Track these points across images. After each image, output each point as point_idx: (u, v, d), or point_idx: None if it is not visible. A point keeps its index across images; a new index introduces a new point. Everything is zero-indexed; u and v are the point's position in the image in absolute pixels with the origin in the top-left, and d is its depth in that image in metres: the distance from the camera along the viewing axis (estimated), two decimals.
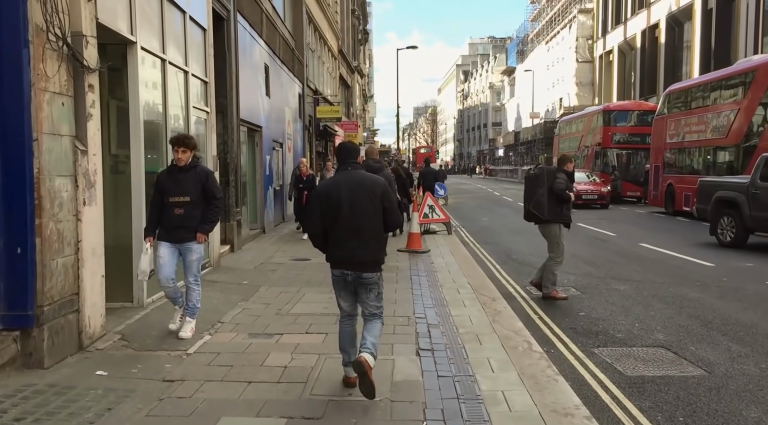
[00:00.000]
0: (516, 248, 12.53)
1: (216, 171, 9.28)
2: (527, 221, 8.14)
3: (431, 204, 14.43)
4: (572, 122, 33.06)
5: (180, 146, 5.45)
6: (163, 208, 5.47)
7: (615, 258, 11.03)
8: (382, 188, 4.29)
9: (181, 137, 5.55)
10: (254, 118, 13.33)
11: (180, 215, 5.43)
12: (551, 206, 7.70)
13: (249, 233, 12.85)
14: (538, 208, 7.75)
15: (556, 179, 7.66)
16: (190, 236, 5.50)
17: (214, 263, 9.12)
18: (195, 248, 5.56)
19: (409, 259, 10.56)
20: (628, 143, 26.76)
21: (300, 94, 20.58)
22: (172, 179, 5.49)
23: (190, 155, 5.50)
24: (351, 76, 39.36)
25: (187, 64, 7.93)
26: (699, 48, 31.32)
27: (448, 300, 7.31)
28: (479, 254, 11.87)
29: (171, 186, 5.45)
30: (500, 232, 15.82)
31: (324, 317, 6.39)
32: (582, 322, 6.77)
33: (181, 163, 5.46)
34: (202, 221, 5.54)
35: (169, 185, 5.46)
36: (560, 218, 7.80)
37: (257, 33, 13.50)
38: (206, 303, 6.93)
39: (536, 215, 7.81)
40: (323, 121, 22.92)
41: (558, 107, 56.07)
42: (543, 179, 7.73)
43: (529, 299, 7.88)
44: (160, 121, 7.14)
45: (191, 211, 5.45)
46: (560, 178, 7.68)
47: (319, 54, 25.90)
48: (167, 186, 5.46)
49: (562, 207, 7.77)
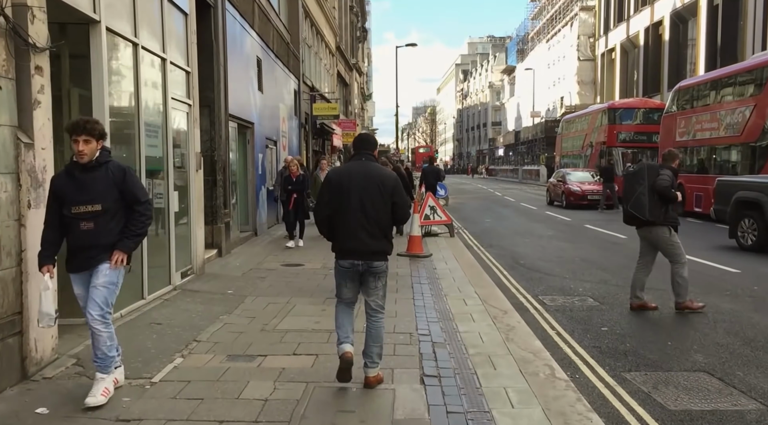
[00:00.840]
0: (523, 253, 11.78)
1: (200, 169, 8.52)
2: (627, 224, 7.25)
3: (432, 205, 13.67)
4: (576, 120, 32.31)
5: (80, 134, 3.90)
6: (63, 222, 3.99)
7: (630, 264, 10.16)
8: (393, 181, 4.26)
9: (81, 122, 3.96)
10: (245, 113, 12.56)
11: (89, 230, 3.95)
12: (654, 206, 6.81)
13: (239, 236, 12.08)
14: (638, 208, 6.88)
15: (659, 176, 6.77)
16: (104, 258, 4.00)
17: (198, 269, 8.35)
18: (105, 271, 3.99)
19: (410, 264, 9.80)
20: (634, 142, 26.00)
21: (296, 91, 19.81)
22: (72, 181, 3.97)
23: (97, 146, 3.98)
24: (349, 74, 38.58)
25: (164, 50, 7.16)
26: (704, 45, 30.60)
27: (454, 313, 6.55)
28: (484, 259, 11.11)
29: (72, 192, 3.95)
30: (504, 234, 15.06)
31: (315, 335, 5.63)
32: (606, 339, 6.00)
33: (83, 158, 3.93)
34: (121, 235, 4.05)
35: (68, 191, 3.96)
36: (665, 220, 6.90)
37: (248, 24, 12.73)
38: (183, 318, 6.17)
39: (636, 216, 6.95)
40: (320, 119, 22.14)
41: (559, 106, 55.40)
42: (643, 176, 6.83)
43: (544, 312, 7.11)
44: (132, 112, 6.37)
45: (105, 224, 3.99)
46: (664, 174, 6.79)
47: (316, 50, 25.13)
48: (66, 192, 3.96)
49: (666, 207, 6.86)
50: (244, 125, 12.70)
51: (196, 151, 8.36)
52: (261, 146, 14.13)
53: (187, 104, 8.05)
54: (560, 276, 9.37)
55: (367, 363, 4.29)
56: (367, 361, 4.28)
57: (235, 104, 11.53)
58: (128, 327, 5.67)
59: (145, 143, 6.42)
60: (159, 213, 7.04)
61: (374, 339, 4.30)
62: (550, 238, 14.25)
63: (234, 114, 11.51)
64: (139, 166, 6.31)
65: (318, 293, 7.53)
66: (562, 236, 14.62)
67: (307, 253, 10.96)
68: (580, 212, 20.47)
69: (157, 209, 7.00)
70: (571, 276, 9.36)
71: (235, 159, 12.39)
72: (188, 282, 7.82)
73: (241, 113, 12.19)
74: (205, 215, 10.02)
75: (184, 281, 7.74)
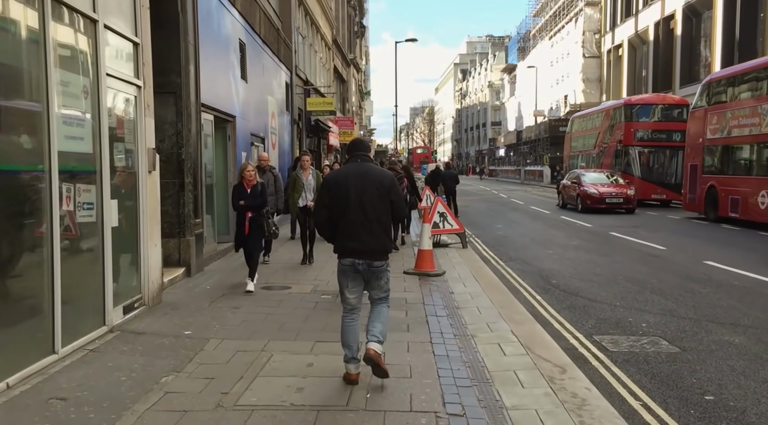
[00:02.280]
0: (551, 269, 9.94)
1: (154, 170, 6.65)
2: None
3: (443, 211, 11.84)
4: (587, 118, 30.40)
5: None
6: None
7: (688, 285, 8.43)
8: (389, 180, 4.35)
9: None
10: (224, 105, 10.70)
11: None
12: None
13: (216, 250, 10.23)
14: None
15: None
16: None
17: (150, 299, 6.47)
18: None
19: (421, 286, 7.97)
20: (652, 141, 24.09)
21: (288, 84, 17.96)
22: None
23: None
24: (347, 69, 36.71)
25: (95, 9, 5.29)
26: (721, 39, 28.84)
27: (490, 369, 4.72)
28: (508, 277, 9.28)
29: None
30: (523, 244, 13.23)
31: (297, 414, 3.79)
32: (723, 422, 4.14)
33: None
34: None
35: None
36: None
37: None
38: (105, 384, 4.28)
39: None
40: (315, 114, 20.26)
41: (563, 105, 53.64)
42: None
43: (611, 364, 5.25)
44: (38, 90, 4.50)
45: None
46: None
47: (310, 41, 23.29)
48: None
49: None
50: (223, 118, 10.84)
51: (149, 147, 6.49)
52: (245, 144, 12.27)
53: (135, 85, 6.19)
54: (608, 303, 7.54)
55: (369, 339, 4.21)
56: (369, 337, 4.22)
57: (211, 93, 9.69)
58: (8, 410, 3.78)
59: (58, 132, 4.56)
60: (86, 229, 5.18)
61: (377, 318, 4.31)
62: (577, 249, 12.42)
63: (209, 104, 9.65)
64: (48, 164, 4.46)
65: (305, 332, 5.69)
66: (589, 246, 12.79)
67: (297, 271, 9.12)
68: (599, 217, 18.64)
69: (83, 223, 5.14)
70: (621, 303, 7.53)
71: (212, 158, 10.54)
72: (133, 319, 5.95)
73: (219, 103, 10.34)
74: (170, 226, 8.19)
75: (128, 317, 5.87)
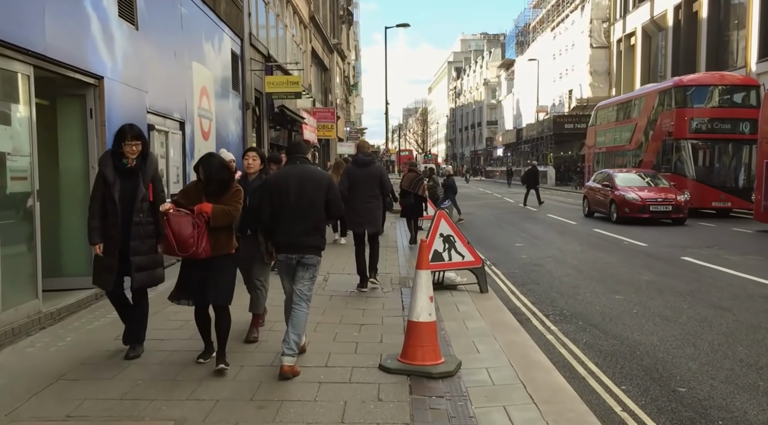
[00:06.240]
0: (650, 344, 5.50)
1: None
2: None
3: (449, 233, 7.37)
4: (619, 106, 25.51)
5: None
6: None
7: None
8: (327, 180, 4.73)
9: None
10: (65, 51, 6.19)
11: None
12: None
13: (65, 304, 5.71)
14: None
15: None
16: None
17: None
18: None
19: (413, 409, 3.50)
20: (713, 132, 18.85)
21: (234, 54, 13.43)
22: None
23: None
24: (329, 56, 32.15)
25: None
26: (758, 21, 24.59)
27: None
28: (577, 368, 4.85)
29: None
30: (568, 280, 8.75)
31: None
32: None
33: None
34: None
35: None
36: None
37: None
38: None
39: None
40: (275, 97, 15.65)
41: (567, 100, 49.30)
42: None
43: None
44: None
45: None
46: None
47: (278, 12, 18.78)
48: None
49: None
50: (65, 76, 6.32)
51: None
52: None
53: None
54: None
55: (285, 351, 4.30)
56: (285, 348, 4.31)
57: (23, 24, 5.19)
58: None
59: None
60: None
61: (294, 327, 4.40)
62: (658, 291, 7.94)
63: (12, 43, 5.15)
64: None
65: None
66: (673, 285, 8.30)
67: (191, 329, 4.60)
68: (645, 231, 14.18)
69: None
70: None
71: (34, 148, 6.02)
72: None
73: (49, 46, 5.83)
74: None
75: None
